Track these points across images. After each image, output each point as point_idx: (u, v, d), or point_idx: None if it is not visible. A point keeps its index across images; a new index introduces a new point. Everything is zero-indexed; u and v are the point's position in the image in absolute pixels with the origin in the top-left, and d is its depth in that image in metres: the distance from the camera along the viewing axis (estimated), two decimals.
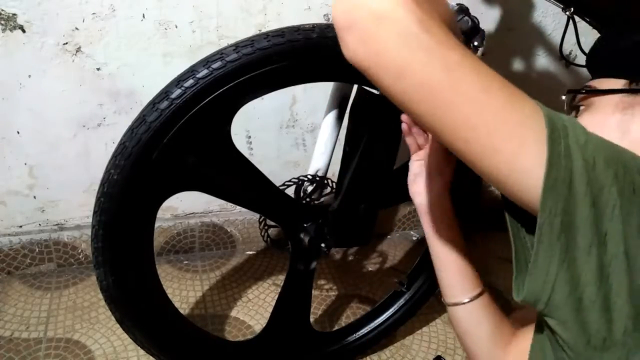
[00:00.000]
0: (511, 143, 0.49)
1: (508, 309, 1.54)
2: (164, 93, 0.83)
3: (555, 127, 0.49)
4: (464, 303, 0.83)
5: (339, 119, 1.09)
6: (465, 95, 0.49)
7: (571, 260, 0.50)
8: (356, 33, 0.50)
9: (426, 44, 0.48)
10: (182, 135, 0.84)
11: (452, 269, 0.85)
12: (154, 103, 0.83)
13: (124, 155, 0.84)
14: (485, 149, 0.49)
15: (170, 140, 0.83)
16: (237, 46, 0.84)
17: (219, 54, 0.83)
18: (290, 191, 1.07)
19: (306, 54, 0.87)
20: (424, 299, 1.34)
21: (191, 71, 0.83)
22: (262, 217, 1.10)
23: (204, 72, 0.82)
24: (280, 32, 0.85)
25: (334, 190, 1.12)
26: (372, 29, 0.49)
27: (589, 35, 1.13)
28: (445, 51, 0.49)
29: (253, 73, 0.84)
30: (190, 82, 0.82)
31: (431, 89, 0.49)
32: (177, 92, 0.82)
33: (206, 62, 0.83)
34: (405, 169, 0.91)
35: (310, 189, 1.09)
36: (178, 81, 0.83)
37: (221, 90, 0.83)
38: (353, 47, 0.51)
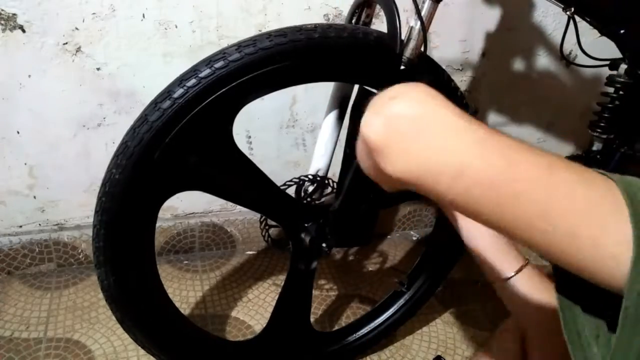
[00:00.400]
0: (590, 227, 0.43)
1: (503, 315, 1.53)
2: (166, 92, 0.83)
3: (637, 201, 0.43)
4: (510, 277, 0.82)
5: (340, 119, 1.09)
6: (530, 181, 0.44)
7: None
8: (398, 146, 0.47)
9: (477, 135, 0.46)
10: (184, 135, 0.84)
11: (491, 249, 0.84)
12: (156, 102, 0.83)
13: (125, 155, 0.83)
14: (563, 236, 0.44)
15: (172, 139, 0.83)
16: (239, 46, 0.84)
17: (222, 54, 0.83)
18: (291, 191, 1.07)
19: (308, 54, 0.87)
20: (424, 299, 1.34)
21: (193, 70, 0.83)
22: (263, 217, 1.10)
23: (207, 71, 0.82)
24: (283, 32, 0.85)
25: (334, 190, 1.12)
26: (415, 135, 0.46)
27: (589, 35, 1.13)
28: (497, 139, 0.46)
29: (255, 73, 0.84)
30: (193, 81, 0.82)
31: (494, 182, 0.45)
32: (180, 91, 0.82)
33: (208, 61, 0.83)
34: None
35: (311, 189, 1.09)
36: (180, 80, 0.83)
37: (223, 89, 0.83)
38: (399, 162, 0.48)
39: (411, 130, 0.47)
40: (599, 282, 0.45)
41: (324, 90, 1.15)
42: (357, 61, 0.91)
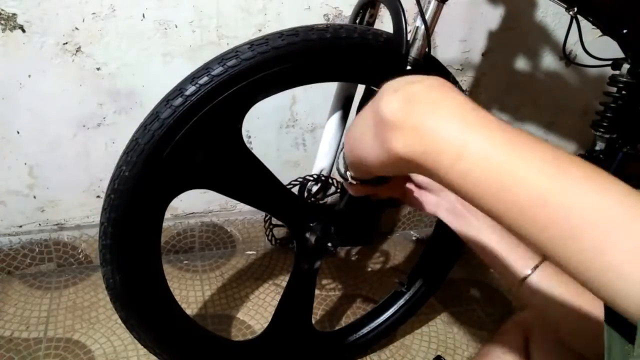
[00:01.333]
0: (594, 230, 0.40)
1: (508, 309, 1.54)
2: (178, 90, 0.82)
3: None
4: (528, 276, 0.81)
5: (344, 119, 1.09)
6: (533, 169, 0.43)
7: None
8: (411, 123, 0.49)
9: (483, 119, 0.47)
10: (195, 133, 0.84)
11: (503, 251, 0.84)
12: (167, 99, 0.82)
13: (136, 152, 0.83)
14: (562, 234, 0.41)
15: (182, 137, 0.83)
16: (252, 44, 0.84)
17: (234, 52, 0.83)
18: (294, 191, 1.07)
19: (320, 54, 0.87)
20: (424, 299, 1.34)
21: (205, 68, 0.82)
22: (267, 216, 1.10)
23: (219, 69, 0.82)
24: (295, 32, 0.85)
25: (338, 190, 1.12)
26: (428, 114, 0.48)
27: (589, 35, 1.14)
28: (502, 125, 0.46)
29: (267, 71, 0.84)
30: (205, 79, 0.81)
31: (495, 166, 0.44)
32: (192, 89, 0.81)
33: (221, 59, 0.83)
34: None
35: (315, 188, 1.09)
36: (192, 78, 0.82)
37: (235, 87, 0.83)
38: (409, 138, 0.49)
39: (426, 108, 0.48)
40: (604, 298, 0.42)
41: (324, 90, 1.15)
42: (366, 62, 0.91)
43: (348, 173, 0.71)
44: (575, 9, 1.00)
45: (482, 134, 0.46)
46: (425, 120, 0.48)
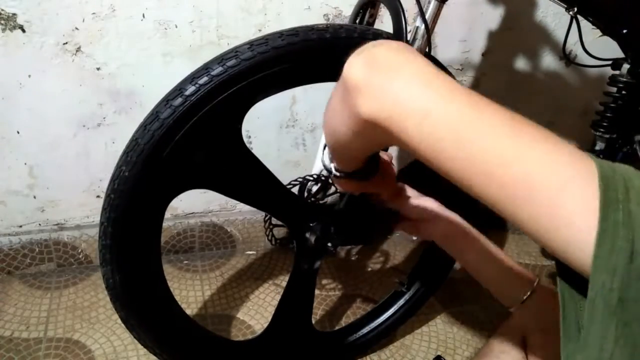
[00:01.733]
0: (549, 186, 0.42)
1: (503, 315, 1.53)
2: (178, 90, 0.82)
3: (611, 187, 0.41)
4: (524, 300, 0.87)
5: None
6: (495, 130, 0.45)
7: (629, 336, 0.41)
8: (375, 84, 0.50)
9: (445, 82, 0.48)
10: (195, 133, 0.84)
11: (499, 277, 0.90)
12: (167, 99, 0.82)
13: (136, 152, 0.83)
14: (521, 190, 0.44)
15: (182, 137, 0.83)
16: (251, 44, 0.84)
17: (234, 52, 0.83)
18: (294, 191, 1.07)
19: (319, 54, 0.87)
20: (424, 299, 1.34)
21: (205, 68, 0.83)
22: (267, 216, 1.10)
23: (219, 69, 0.82)
24: (295, 32, 0.85)
25: (338, 190, 1.12)
26: (392, 75, 0.49)
27: (589, 35, 1.13)
28: (463, 89, 0.48)
29: (267, 71, 0.84)
30: (205, 79, 0.81)
31: (458, 125, 0.46)
32: (191, 89, 0.81)
33: (221, 59, 0.83)
34: (410, 168, 0.93)
35: (315, 188, 1.09)
36: (192, 78, 0.82)
37: (235, 88, 0.83)
38: (374, 100, 0.50)
39: (389, 71, 0.49)
40: (557, 253, 0.44)
41: (324, 90, 1.15)
42: None
43: (332, 165, 0.71)
44: (575, 9, 1.00)
45: (445, 97, 0.47)
46: (389, 84, 0.49)
